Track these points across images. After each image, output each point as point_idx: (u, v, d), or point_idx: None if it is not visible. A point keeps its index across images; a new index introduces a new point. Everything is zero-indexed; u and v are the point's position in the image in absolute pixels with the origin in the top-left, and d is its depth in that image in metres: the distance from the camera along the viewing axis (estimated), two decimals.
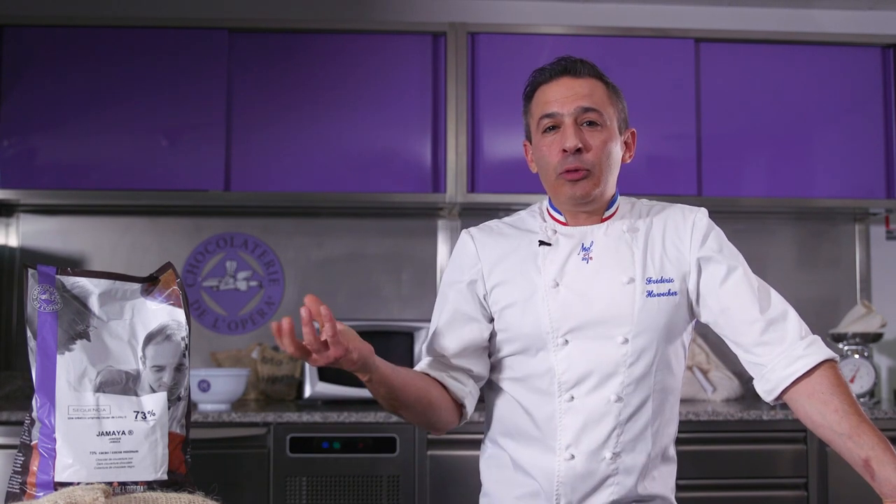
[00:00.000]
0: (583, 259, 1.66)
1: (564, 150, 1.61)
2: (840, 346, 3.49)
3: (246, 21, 3.51)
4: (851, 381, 3.39)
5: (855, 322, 3.51)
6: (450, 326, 1.70)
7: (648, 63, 3.51)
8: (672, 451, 1.72)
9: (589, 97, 1.64)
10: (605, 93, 1.67)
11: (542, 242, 1.68)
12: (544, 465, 1.64)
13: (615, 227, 1.68)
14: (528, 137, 1.75)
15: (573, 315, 1.62)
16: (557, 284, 1.64)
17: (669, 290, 1.64)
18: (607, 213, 1.70)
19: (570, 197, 1.64)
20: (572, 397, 1.63)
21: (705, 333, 3.65)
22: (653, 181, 3.47)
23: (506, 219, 1.80)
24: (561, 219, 1.71)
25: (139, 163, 3.38)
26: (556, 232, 1.69)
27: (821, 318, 3.72)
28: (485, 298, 1.70)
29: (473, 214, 3.60)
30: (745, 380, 3.51)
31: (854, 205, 3.60)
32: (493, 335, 1.71)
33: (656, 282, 1.63)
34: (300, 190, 3.42)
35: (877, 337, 3.49)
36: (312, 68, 3.46)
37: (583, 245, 1.67)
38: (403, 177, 3.44)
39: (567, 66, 1.66)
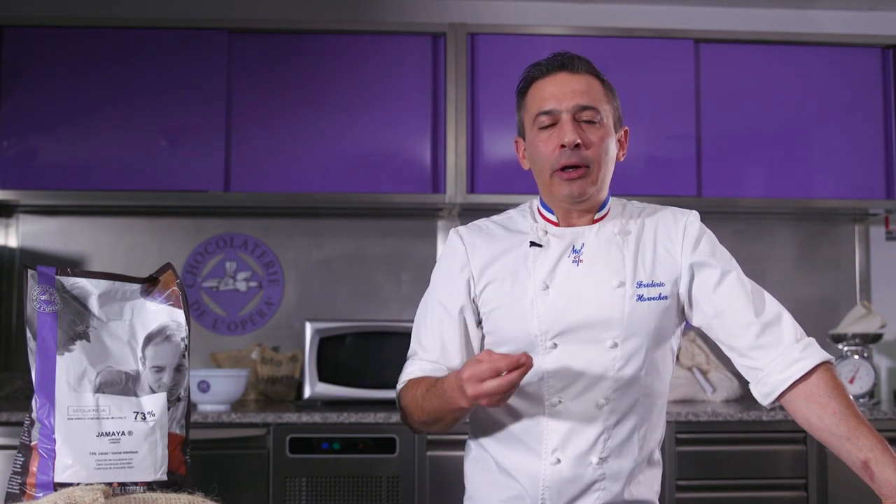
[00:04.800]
0: (573, 262, 1.63)
1: (562, 146, 1.59)
2: (840, 346, 3.49)
3: (246, 21, 3.51)
4: (851, 381, 3.39)
5: (855, 322, 3.50)
6: (448, 331, 1.68)
7: (648, 63, 3.51)
8: (658, 455, 1.70)
9: (586, 94, 1.62)
10: (602, 90, 1.65)
11: (532, 244, 1.66)
12: (529, 469, 1.62)
13: (606, 229, 1.66)
14: (521, 133, 1.73)
15: (562, 318, 1.60)
16: (547, 287, 1.61)
17: (660, 294, 1.62)
18: (599, 214, 1.67)
19: (567, 195, 1.62)
20: (559, 401, 1.60)
21: (705, 335, 3.64)
22: (652, 181, 3.47)
23: (495, 217, 1.77)
24: (552, 218, 1.68)
25: (139, 163, 3.38)
26: (546, 233, 1.67)
27: (820, 318, 3.72)
28: (474, 301, 1.68)
29: (473, 215, 3.58)
30: (745, 381, 3.49)
31: (854, 205, 3.60)
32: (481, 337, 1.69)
33: (647, 286, 1.61)
34: (300, 190, 3.41)
35: (876, 337, 3.49)
36: (312, 68, 3.46)
37: (573, 247, 1.64)
38: (403, 177, 3.44)
39: (564, 62, 1.64)
